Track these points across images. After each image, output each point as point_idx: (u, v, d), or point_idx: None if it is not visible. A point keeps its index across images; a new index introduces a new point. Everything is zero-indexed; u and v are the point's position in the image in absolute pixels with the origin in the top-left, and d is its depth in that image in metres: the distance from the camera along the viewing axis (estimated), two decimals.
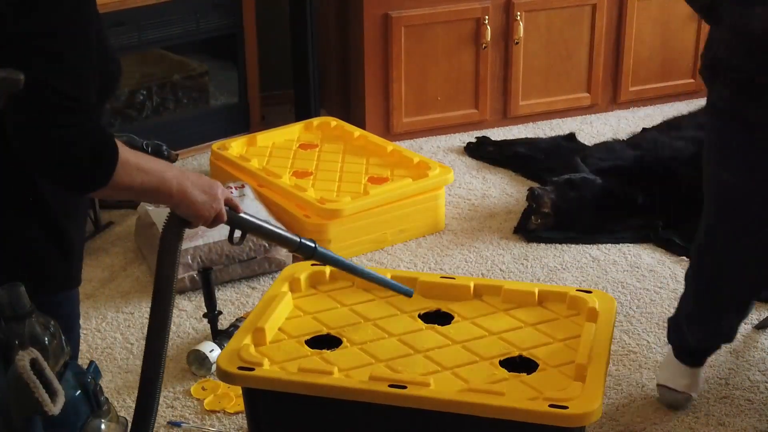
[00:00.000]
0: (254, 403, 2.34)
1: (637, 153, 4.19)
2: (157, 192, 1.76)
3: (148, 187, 1.73)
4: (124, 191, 1.71)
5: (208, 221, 1.87)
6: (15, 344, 1.46)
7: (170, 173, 1.78)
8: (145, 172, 1.72)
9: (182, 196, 1.79)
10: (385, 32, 4.44)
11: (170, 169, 1.79)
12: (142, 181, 1.71)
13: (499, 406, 2.14)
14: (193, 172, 1.86)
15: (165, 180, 1.76)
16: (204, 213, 1.84)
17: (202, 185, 1.83)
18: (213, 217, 1.87)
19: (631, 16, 4.80)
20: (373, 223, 3.69)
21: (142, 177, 1.71)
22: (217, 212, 1.86)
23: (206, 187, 1.84)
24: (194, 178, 1.83)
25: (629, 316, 3.28)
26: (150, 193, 1.76)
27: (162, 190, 1.76)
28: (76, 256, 1.84)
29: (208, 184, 1.85)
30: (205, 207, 1.83)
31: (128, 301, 3.39)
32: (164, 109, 4.55)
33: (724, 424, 2.77)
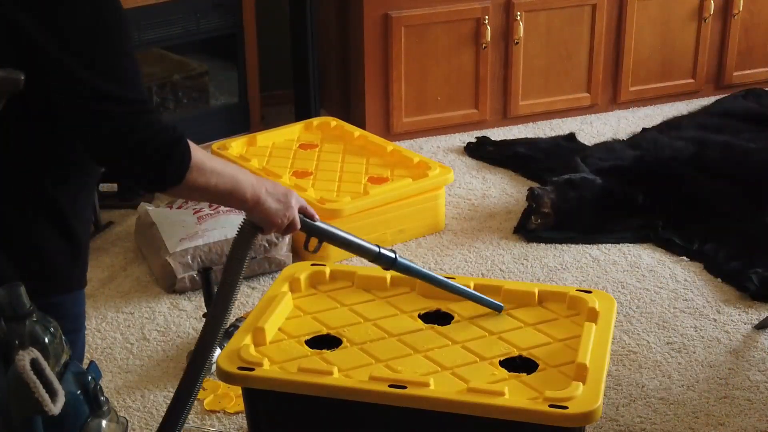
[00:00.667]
0: (254, 403, 2.34)
1: (637, 153, 4.19)
2: (230, 196, 1.78)
3: (222, 189, 1.75)
4: (198, 192, 1.73)
5: (281, 228, 1.90)
6: (15, 344, 1.46)
7: (245, 178, 1.80)
8: (219, 174, 1.74)
9: (256, 202, 1.82)
10: (385, 32, 4.44)
11: (245, 173, 1.81)
12: (216, 183, 1.73)
13: (499, 406, 2.14)
14: (268, 179, 1.89)
15: (239, 184, 1.78)
16: (276, 221, 1.88)
17: (276, 193, 1.86)
18: (286, 225, 1.90)
19: (631, 16, 4.80)
20: (373, 223, 3.69)
21: (216, 179, 1.73)
22: (290, 220, 1.90)
23: (280, 195, 1.87)
24: (269, 185, 1.86)
25: (629, 316, 3.28)
26: (223, 196, 1.78)
27: (236, 195, 1.78)
28: (83, 257, 1.84)
29: (282, 192, 1.88)
30: (278, 215, 1.87)
31: (128, 301, 3.39)
32: (164, 109, 4.55)
33: (724, 424, 2.77)
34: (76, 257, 1.81)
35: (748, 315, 3.28)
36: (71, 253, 1.79)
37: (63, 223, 1.76)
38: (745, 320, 3.25)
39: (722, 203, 3.85)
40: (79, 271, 1.84)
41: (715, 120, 4.51)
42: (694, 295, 3.40)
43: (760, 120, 4.49)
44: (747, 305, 3.34)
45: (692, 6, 4.90)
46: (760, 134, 4.30)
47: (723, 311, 3.30)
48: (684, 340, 3.14)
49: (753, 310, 3.31)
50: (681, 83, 5.04)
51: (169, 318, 3.29)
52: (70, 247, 1.78)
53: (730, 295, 3.40)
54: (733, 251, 3.58)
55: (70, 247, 1.78)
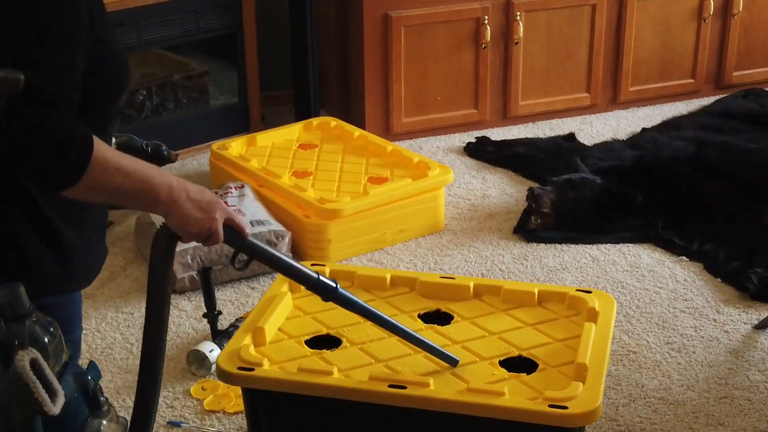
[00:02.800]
0: (254, 403, 2.34)
1: (636, 153, 4.19)
2: (141, 197, 1.67)
3: (130, 190, 1.64)
4: (104, 192, 1.63)
5: (200, 239, 1.76)
6: (15, 344, 1.46)
7: (162, 179, 1.68)
8: (126, 173, 1.62)
9: (171, 206, 1.69)
10: (384, 32, 4.44)
11: (163, 175, 1.69)
12: (122, 184, 1.62)
13: (499, 406, 2.14)
14: (195, 185, 1.75)
15: (153, 185, 1.66)
16: (194, 230, 1.73)
17: (200, 200, 1.72)
18: (206, 236, 1.76)
19: (631, 16, 4.80)
20: (373, 223, 3.69)
21: (122, 179, 1.62)
22: (210, 232, 1.75)
23: (203, 204, 1.73)
24: (194, 190, 1.73)
25: (629, 316, 3.28)
26: (132, 197, 1.67)
27: (148, 196, 1.67)
28: (75, 260, 1.79)
29: (206, 201, 1.74)
30: (196, 224, 1.73)
31: (128, 301, 3.39)
32: (164, 109, 4.55)
33: (724, 424, 2.77)
34: (64, 260, 1.76)
35: (748, 315, 3.28)
36: (57, 256, 1.75)
37: (46, 226, 1.73)
38: (744, 320, 3.25)
39: (722, 203, 3.85)
40: (69, 273, 1.79)
41: (714, 120, 4.51)
42: (693, 295, 3.40)
43: (760, 120, 4.49)
44: (747, 305, 3.34)
45: (692, 6, 4.90)
46: (760, 134, 4.30)
47: (723, 311, 3.30)
48: (684, 340, 3.14)
49: (753, 310, 3.31)
50: (681, 83, 5.04)
51: (169, 318, 3.28)
52: (56, 250, 1.75)
53: (730, 295, 3.40)
54: (733, 251, 3.58)
55: (56, 250, 1.75)
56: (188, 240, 1.76)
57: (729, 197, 3.87)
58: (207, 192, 1.76)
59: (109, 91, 1.76)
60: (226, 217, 1.77)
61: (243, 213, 3.57)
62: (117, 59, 1.78)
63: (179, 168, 4.35)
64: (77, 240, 1.79)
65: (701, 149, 4.13)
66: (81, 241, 1.80)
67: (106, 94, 1.77)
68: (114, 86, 1.77)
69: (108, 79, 1.75)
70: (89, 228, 1.83)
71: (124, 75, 1.81)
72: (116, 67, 1.77)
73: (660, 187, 3.91)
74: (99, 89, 1.73)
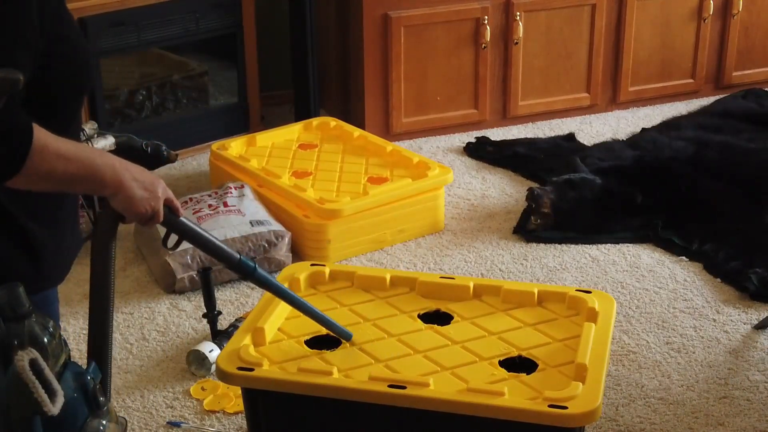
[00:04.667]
0: (254, 403, 2.34)
1: (636, 153, 4.19)
2: (86, 181, 1.66)
3: (74, 175, 1.63)
4: (47, 180, 1.62)
5: (144, 219, 1.77)
6: (14, 344, 1.46)
7: (103, 161, 1.68)
8: (69, 159, 1.61)
9: (118, 187, 1.70)
10: (384, 32, 4.44)
11: (104, 157, 1.69)
12: (65, 169, 1.61)
13: (498, 406, 2.14)
14: (135, 165, 1.76)
15: (96, 168, 1.66)
16: (140, 209, 1.75)
17: (143, 180, 1.74)
18: (149, 216, 1.77)
19: (631, 16, 4.80)
20: (373, 223, 3.69)
21: (65, 164, 1.61)
22: (154, 211, 1.77)
23: (147, 183, 1.75)
24: (135, 171, 1.73)
25: (629, 316, 3.28)
26: (78, 182, 1.66)
27: (93, 179, 1.67)
28: (47, 258, 1.78)
29: (149, 180, 1.76)
30: (142, 203, 1.74)
31: (127, 302, 3.39)
32: (164, 109, 4.55)
33: (724, 424, 2.77)
34: (34, 257, 1.75)
35: (748, 315, 3.28)
36: (28, 255, 1.74)
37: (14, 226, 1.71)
38: (744, 320, 3.25)
39: (722, 203, 3.85)
40: (41, 271, 1.78)
41: (714, 120, 4.51)
42: (693, 295, 3.40)
43: (759, 120, 4.49)
44: (747, 305, 3.34)
45: (692, 6, 4.90)
46: (760, 134, 4.30)
47: (722, 311, 3.30)
48: (683, 340, 3.14)
49: (753, 310, 3.31)
50: (680, 83, 5.04)
51: (168, 318, 3.28)
52: (26, 249, 1.74)
53: (730, 295, 3.40)
54: (733, 251, 3.58)
55: (26, 250, 1.74)
56: (132, 220, 1.78)
57: (729, 197, 3.87)
58: (146, 171, 1.77)
59: (70, 88, 1.74)
60: (166, 196, 1.80)
61: (243, 213, 3.57)
62: (76, 55, 1.75)
63: (179, 168, 4.35)
64: (48, 238, 1.78)
65: (701, 149, 4.13)
66: (52, 239, 1.79)
67: (68, 91, 1.75)
68: (74, 82, 1.75)
69: (68, 75, 1.72)
70: (60, 224, 1.82)
71: (84, 71, 1.78)
72: (76, 62, 1.74)
73: (660, 187, 3.91)
74: (59, 86, 1.71)
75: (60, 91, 1.72)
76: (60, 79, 1.71)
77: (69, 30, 1.75)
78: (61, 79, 1.71)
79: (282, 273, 2.69)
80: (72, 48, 1.74)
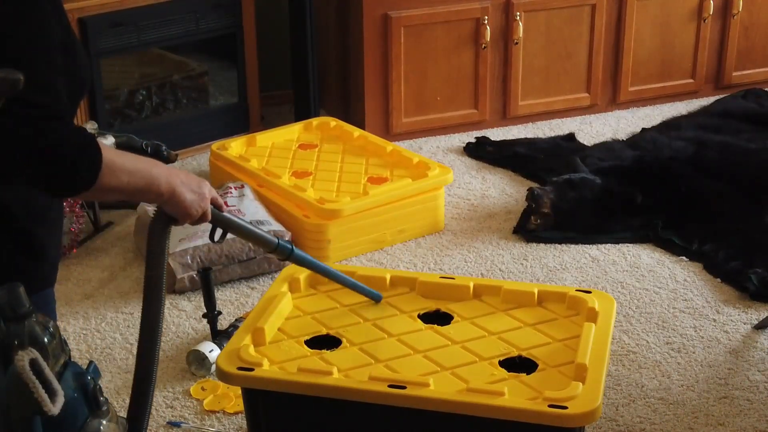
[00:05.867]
0: (254, 403, 2.34)
1: (636, 153, 4.19)
2: (146, 191, 1.76)
3: (136, 186, 1.73)
4: (111, 192, 1.71)
5: (195, 219, 1.89)
6: (14, 344, 1.46)
7: (158, 171, 1.78)
8: (131, 172, 1.71)
9: (171, 194, 1.80)
10: (384, 32, 4.44)
11: (157, 166, 1.79)
12: (129, 182, 1.71)
13: (498, 406, 2.14)
14: (181, 170, 1.87)
15: (153, 178, 1.76)
16: (192, 211, 1.86)
17: (190, 183, 1.84)
18: (200, 216, 1.89)
19: (631, 16, 4.80)
20: (373, 223, 3.69)
21: (128, 177, 1.71)
22: (204, 211, 1.89)
23: (195, 186, 1.85)
24: (183, 176, 1.84)
25: (629, 316, 3.28)
26: (139, 192, 1.76)
27: (151, 189, 1.77)
28: (48, 259, 1.82)
29: (196, 183, 1.86)
30: (193, 205, 1.85)
31: (128, 302, 3.39)
32: (164, 109, 4.55)
33: (724, 424, 2.77)
34: (35, 258, 1.78)
35: (748, 315, 3.28)
36: (29, 254, 1.76)
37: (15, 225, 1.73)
38: (744, 320, 3.25)
39: (722, 203, 3.85)
40: (42, 271, 1.81)
41: (714, 120, 4.51)
42: (693, 295, 3.40)
43: (759, 120, 4.49)
44: (747, 305, 3.34)
45: (692, 6, 4.90)
46: (760, 134, 4.30)
47: (722, 311, 3.30)
48: (683, 340, 3.14)
49: (752, 310, 3.31)
50: (680, 83, 5.04)
51: (168, 318, 3.29)
52: (27, 248, 1.76)
53: (730, 295, 3.40)
54: (733, 251, 3.58)
55: (27, 249, 1.76)
56: (183, 222, 1.88)
57: (729, 197, 3.87)
58: (191, 174, 1.88)
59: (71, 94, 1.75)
60: (212, 195, 1.91)
61: (243, 213, 3.57)
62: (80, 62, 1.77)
63: (179, 168, 4.34)
64: (44, 237, 1.80)
65: (701, 149, 4.13)
66: (47, 238, 1.82)
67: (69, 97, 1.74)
68: (77, 89, 1.77)
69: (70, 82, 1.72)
70: (52, 223, 1.85)
71: (86, 76, 1.82)
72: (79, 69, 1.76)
73: (660, 187, 3.91)
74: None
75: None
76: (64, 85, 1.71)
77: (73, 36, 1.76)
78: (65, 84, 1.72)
79: (282, 273, 2.69)
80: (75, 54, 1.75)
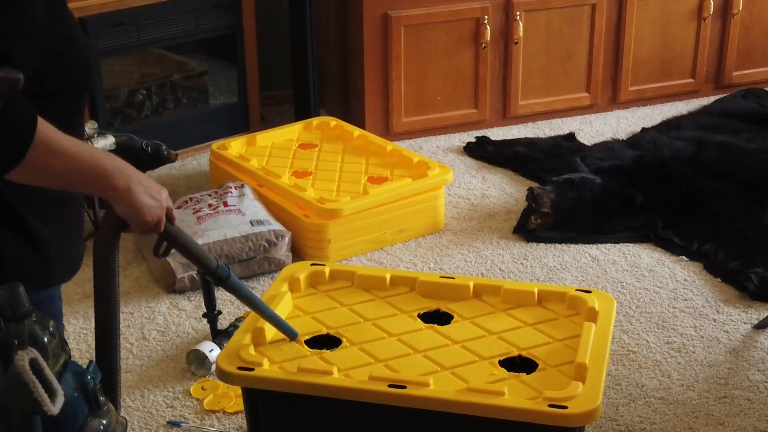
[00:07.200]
0: (254, 403, 2.34)
1: (636, 153, 4.19)
2: (93, 181, 1.63)
3: (80, 174, 1.60)
4: (49, 176, 1.58)
5: (148, 227, 1.73)
6: (14, 344, 1.46)
7: (112, 164, 1.64)
8: (71, 156, 1.58)
9: (127, 191, 1.66)
10: (384, 32, 4.44)
11: (113, 159, 1.65)
12: (70, 167, 1.58)
13: (498, 406, 2.14)
14: (142, 173, 1.71)
15: (104, 170, 1.62)
16: (147, 217, 1.71)
17: (149, 187, 1.70)
18: (154, 224, 1.74)
19: (631, 16, 4.80)
20: (373, 223, 3.69)
21: (71, 162, 1.58)
22: (159, 219, 1.74)
23: (154, 192, 1.71)
24: (143, 178, 1.70)
25: (629, 316, 3.28)
26: (84, 181, 1.62)
27: (100, 180, 1.63)
28: (53, 255, 1.77)
29: (156, 189, 1.72)
30: (150, 211, 1.70)
31: (128, 301, 3.39)
32: (164, 108, 4.55)
33: (723, 423, 2.77)
34: (40, 255, 1.75)
35: (748, 315, 3.28)
36: (32, 252, 1.74)
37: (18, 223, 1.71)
38: (744, 320, 3.25)
39: (721, 203, 3.85)
40: (47, 269, 1.77)
41: (714, 120, 4.51)
42: (693, 295, 3.40)
43: (759, 120, 4.49)
44: (747, 305, 3.34)
45: (692, 6, 4.90)
46: (759, 134, 4.30)
47: (722, 311, 3.30)
48: (683, 340, 3.15)
49: (753, 309, 3.31)
50: (680, 83, 5.05)
51: (168, 318, 3.29)
52: (30, 246, 1.73)
53: (730, 295, 3.40)
54: (733, 251, 3.59)
55: (30, 247, 1.74)
56: (136, 229, 1.73)
57: (729, 197, 3.87)
58: (150, 178, 1.73)
59: (72, 86, 1.73)
60: (168, 205, 1.76)
61: (243, 213, 3.57)
62: (79, 54, 1.75)
63: (179, 168, 4.35)
64: (53, 235, 1.77)
65: (701, 149, 4.13)
66: (57, 236, 1.78)
67: (69, 90, 1.74)
68: (76, 81, 1.75)
69: (70, 73, 1.72)
70: (65, 222, 1.81)
71: (86, 70, 1.78)
72: (78, 61, 1.74)
73: (660, 187, 3.91)
74: (61, 84, 1.71)
75: (63, 88, 1.73)
76: (63, 77, 1.71)
77: (71, 27, 1.75)
78: (64, 76, 1.72)
79: (282, 273, 2.69)
80: (75, 46, 1.74)
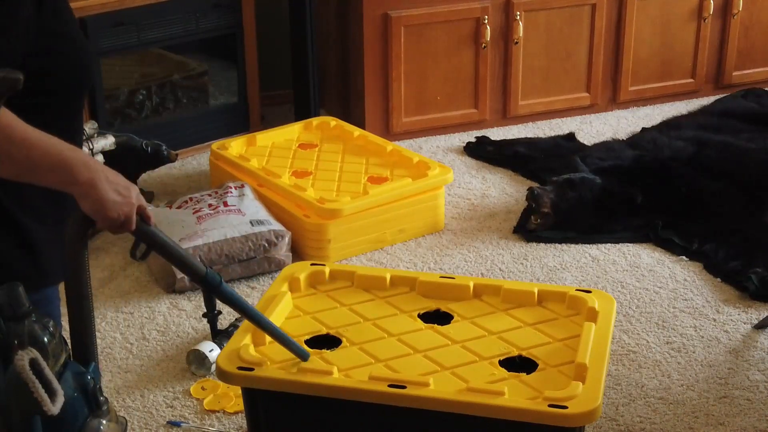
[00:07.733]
0: (254, 403, 2.34)
1: (636, 153, 4.19)
2: (54, 173, 1.58)
3: (39, 164, 1.55)
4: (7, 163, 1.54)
5: (115, 225, 1.68)
6: (14, 344, 1.46)
7: (76, 156, 1.59)
8: (33, 145, 1.53)
9: (90, 185, 1.60)
10: (384, 32, 4.44)
11: (77, 152, 1.60)
12: (28, 155, 1.53)
13: (498, 406, 2.14)
14: (111, 169, 1.66)
15: (66, 161, 1.57)
16: (112, 213, 1.65)
17: (117, 183, 1.65)
18: (122, 222, 1.68)
19: (631, 16, 4.80)
20: (373, 222, 3.69)
21: (29, 150, 1.53)
22: (126, 217, 1.68)
23: (121, 188, 1.65)
24: (109, 172, 1.64)
25: (629, 316, 3.28)
26: (43, 171, 1.57)
27: (62, 172, 1.58)
28: (46, 256, 1.76)
29: (124, 185, 1.66)
30: (115, 207, 1.64)
31: (128, 301, 3.39)
32: (164, 108, 4.55)
33: (724, 423, 2.77)
34: (32, 256, 1.74)
35: (748, 315, 3.28)
36: (25, 252, 1.73)
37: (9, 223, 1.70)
38: (744, 320, 3.25)
39: (722, 203, 3.85)
40: (40, 268, 1.76)
41: (714, 120, 4.51)
42: (693, 295, 3.40)
43: (759, 120, 4.49)
44: (747, 305, 3.34)
45: (692, 6, 4.90)
46: (759, 134, 4.30)
47: (722, 311, 3.30)
48: (683, 340, 3.14)
49: (753, 309, 3.31)
50: (680, 83, 5.04)
51: (168, 318, 3.29)
52: (22, 246, 1.72)
53: (730, 295, 3.40)
54: (733, 251, 3.59)
55: (22, 247, 1.73)
56: (102, 226, 1.68)
57: (729, 197, 3.87)
58: (120, 175, 1.68)
59: (71, 86, 1.73)
60: (139, 203, 1.71)
61: (243, 212, 3.57)
62: (78, 54, 1.74)
63: (179, 168, 4.35)
64: (47, 235, 1.76)
65: (701, 149, 4.13)
66: (51, 236, 1.77)
67: (68, 89, 1.74)
68: (75, 81, 1.74)
69: (68, 73, 1.72)
70: (60, 222, 1.78)
71: (83, 70, 1.76)
72: (77, 61, 1.73)
73: (660, 187, 3.91)
74: (59, 83, 1.71)
75: (60, 88, 1.72)
76: (60, 77, 1.71)
77: (69, 27, 1.75)
78: (62, 76, 1.71)
79: (282, 273, 2.69)
80: (73, 46, 1.74)
